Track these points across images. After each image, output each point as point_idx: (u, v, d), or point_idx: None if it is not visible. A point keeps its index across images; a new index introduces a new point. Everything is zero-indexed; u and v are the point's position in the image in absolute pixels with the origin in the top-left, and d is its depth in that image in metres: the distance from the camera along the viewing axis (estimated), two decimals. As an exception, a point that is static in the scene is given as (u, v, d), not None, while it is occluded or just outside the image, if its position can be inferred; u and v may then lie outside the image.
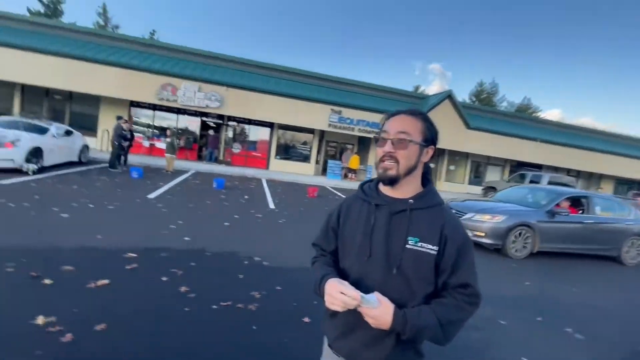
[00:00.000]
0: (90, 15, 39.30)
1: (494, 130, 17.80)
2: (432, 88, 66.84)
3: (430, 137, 1.03)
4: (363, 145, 17.89)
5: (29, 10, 26.93)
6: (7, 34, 13.24)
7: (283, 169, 16.45)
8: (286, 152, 16.97)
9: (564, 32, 70.22)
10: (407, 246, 0.96)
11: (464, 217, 6.13)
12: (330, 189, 12.78)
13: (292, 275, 3.75)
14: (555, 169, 19.49)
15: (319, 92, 16.39)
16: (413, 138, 0.99)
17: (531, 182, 13.42)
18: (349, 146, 17.70)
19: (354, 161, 16.30)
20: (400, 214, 1.00)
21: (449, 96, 16.86)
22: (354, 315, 1.01)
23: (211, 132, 15.77)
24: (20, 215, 4.52)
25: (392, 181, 1.01)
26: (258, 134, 16.52)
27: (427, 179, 1.09)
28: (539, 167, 19.36)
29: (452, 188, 18.61)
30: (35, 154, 7.65)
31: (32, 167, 7.38)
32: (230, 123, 16.14)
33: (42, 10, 27.29)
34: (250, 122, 16.07)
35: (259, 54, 76.70)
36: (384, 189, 1.07)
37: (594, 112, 71.30)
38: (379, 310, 0.90)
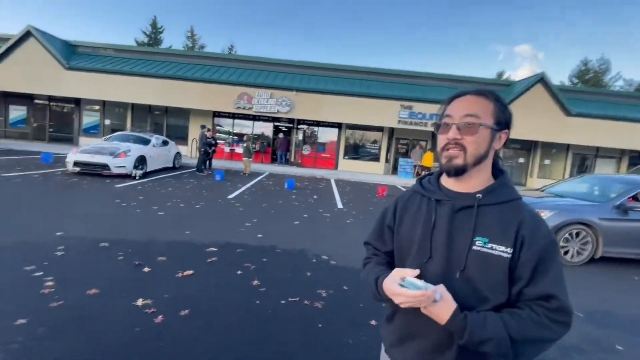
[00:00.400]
0: (181, 39, 45.63)
1: (604, 116, 14.89)
2: (520, 73, 59.28)
3: (504, 119, 0.87)
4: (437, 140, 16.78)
5: (135, 41, 32.18)
6: (121, 64, 16.02)
7: (352, 169, 16.43)
8: (355, 151, 16.90)
9: None
10: (474, 247, 0.83)
11: None
12: (401, 188, 12.27)
13: (360, 275, 3.66)
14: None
15: (387, 88, 15.94)
16: (483, 121, 0.85)
17: (659, 176, 10.79)
18: (421, 143, 16.78)
19: (427, 158, 15.37)
20: (466, 210, 0.87)
21: (541, 79, 14.66)
22: (412, 321, 0.91)
23: (281, 135, 16.60)
24: (129, 213, 5.38)
25: (458, 172, 0.87)
26: (326, 135, 16.81)
27: (498, 169, 0.92)
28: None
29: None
30: (141, 161, 9.08)
31: (139, 172, 8.76)
32: (300, 126, 16.77)
33: (145, 40, 32.34)
34: (318, 123, 16.45)
35: (330, 56, 78.27)
36: (447, 182, 0.94)
37: None
38: (437, 306, 0.79)
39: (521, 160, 16.80)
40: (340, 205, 7.79)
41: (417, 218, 0.95)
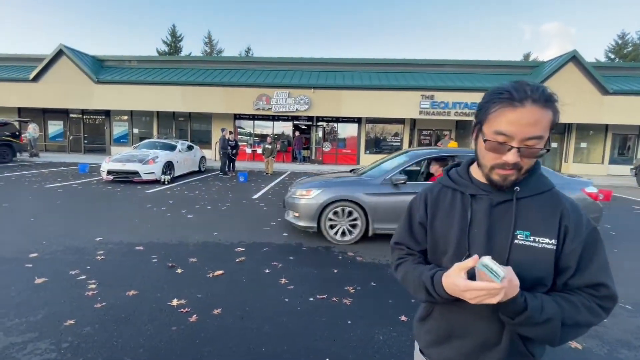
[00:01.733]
0: (199, 45, 47.07)
1: (646, 92, 13.78)
2: (549, 52, 56.04)
3: (556, 122, 0.78)
4: (463, 129, 16.24)
5: (157, 50, 33.36)
6: (144, 74, 16.69)
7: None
8: (376, 145, 16.71)
9: None
10: (517, 242, 0.80)
11: (286, 195, 4.92)
12: (425, 180, 11.99)
13: (386, 271, 3.62)
14: None
15: (406, 79, 15.60)
16: (544, 140, 0.75)
17: None
18: (446, 132, 16.30)
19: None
20: (505, 204, 0.83)
21: (573, 58, 13.83)
22: (452, 320, 0.89)
23: (297, 133, 16.68)
24: (160, 216, 5.61)
25: (504, 189, 0.82)
26: (347, 130, 16.72)
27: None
28: None
29: (586, 170, 15.03)
30: (168, 167, 9.44)
31: (167, 177, 9.12)
32: (320, 123, 16.77)
33: (166, 49, 33.45)
34: (338, 120, 16.39)
35: (344, 50, 77.63)
36: (480, 175, 0.88)
37: None
38: (505, 285, 0.69)
39: (554, 144, 15.90)
40: (363, 200, 7.72)
41: (451, 214, 0.90)
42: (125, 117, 17.57)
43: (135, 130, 17.70)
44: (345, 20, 73.93)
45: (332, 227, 4.56)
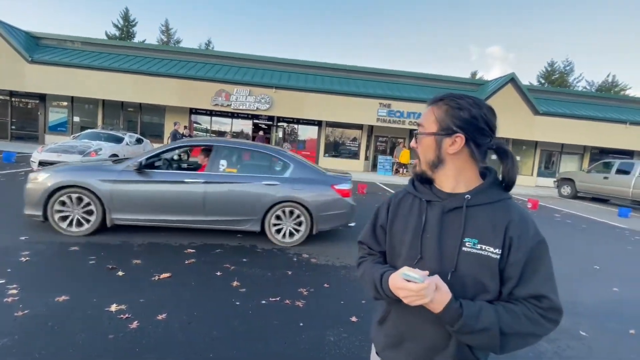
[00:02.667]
0: (156, 33, 44.12)
1: (569, 114, 15.78)
2: (493, 73, 61.59)
3: (455, 123, 0.86)
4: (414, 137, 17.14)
5: (106, 34, 30.74)
6: (90, 58, 15.26)
7: (332, 167, 16.49)
8: (335, 149, 17.00)
9: (659, -8, 59.28)
10: (464, 248, 0.83)
11: None
12: (381, 185, 12.46)
13: (340, 272, 3.70)
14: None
15: (366, 86, 16.12)
16: (426, 130, 0.91)
17: (619, 171, 11.56)
18: (400, 140, 17.10)
19: (404, 155, 15.71)
20: (455, 211, 0.87)
21: (511, 80, 15.32)
22: (405, 324, 0.92)
23: (261, 133, 16.43)
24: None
25: (419, 178, 0.96)
26: (307, 132, 16.80)
27: (488, 170, 0.92)
28: (629, 153, 16.69)
29: (518, 181, 16.65)
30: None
31: (112, 172, 8.39)
32: (280, 123, 16.65)
33: (117, 33, 30.95)
34: (299, 121, 16.40)
35: (306, 53, 78.04)
36: (439, 183, 0.94)
37: (703, 84, 59.09)
38: (436, 294, 0.77)
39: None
40: (320, 203, 7.80)
41: (408, 218, 0.95)
42: (65, 103, 15.89)
43: (76, 119, 16.08)
44: (308, 25, 74.49)
45: (63, 218, 4.07)
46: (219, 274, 3.35)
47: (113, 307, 2.51)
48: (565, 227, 7.40)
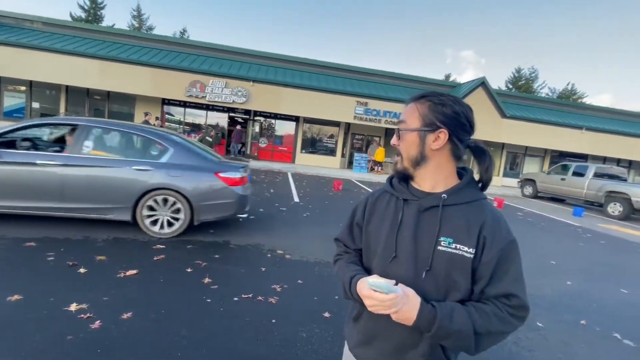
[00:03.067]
0: (127, 18, 41.73)
1: (532, 119, 16.69)
2: (465, 76, 63.88)
3: (436, 119, 0.86)
4: (390, 137, 17.48)
5: (71, 16, 28.78)
6: (53, 40, 14.22)
7: (309, 163, 16.49)
8: (312, 145, 16.97)
9: (611, 8, 64.01)
10: (439, 247, 0.84)
11: None
12: (356, 182, 12.62)
13: (315, 269, 3.71)
14: (604, 159, 17.96)
15: (344, 84, 16.20)
16: (408, 126, 0.91)
17: (575, 173, 12.41)
18: (375, 138, 17.36)
19: (379, 154, 15.99)
20: (431, 210, 0.88)
21: (482, 84, 15.97)
22: (377, 322, 0.92)
23: (238, 127, 16.10)
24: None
25: (400, 175, 0.94)
26: (284, 128, 16.65)
27: (464, 170, 0.94)
28: (583, 157, 17.93)
29: (485, 181, 17.72)
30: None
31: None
32: (257, 118, 16.38)
33: (83, 15, 29.05)
34: (276, 116, 16.21)
35: (285, 47, 77.15)
36: (415, 182, 0.95)
37: (650, 96, 64.61)
38: (402, 302, 0.78)
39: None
40: (296, 199, 7.79)
41: (384, 217, 0.95)
42: (23, 88, 14.73)
43: (36, 105, 14.97)
44: (287, 20, 73.60)
45: None
46: (189, 270, 3.25)
47: (73, 307, 2.37)
48: (526, 225, 7.86)
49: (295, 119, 16.32)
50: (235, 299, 2.81)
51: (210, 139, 11.05)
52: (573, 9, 65.87)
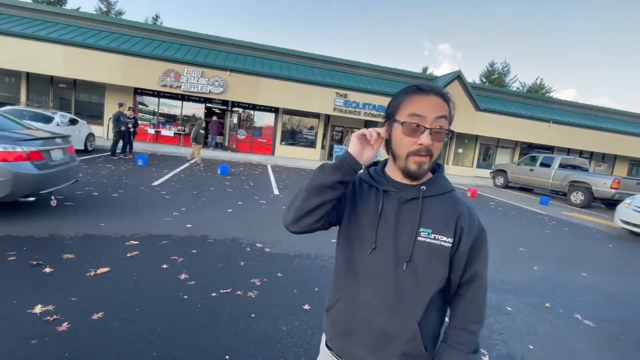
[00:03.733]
0: (94, 2, 39.11)
1: (504, 112, 17.31)
2: (442, 69, 65.14)
3: (452, 119, 0.88)
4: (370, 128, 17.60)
5: (31, -3, 26.70)
6: (11, 23, 13.17)
7: (289, 155, 16.36)
8: (292, 137, 16.83)
9: (578, 7, 67.00)
10: (419, 238, 0.86)
11: None
12: (336, 174, 12.66)
13: (294, 261, 3.71)
14: (568, 151, 18.97)
15: (324, 75, 16.08)
16: (445, 126, 0.84)
17: (542, 164, 13.05)
18: (355, 130, 17.42)
19: (360, 146, 16.08)
20: (412, 202, 0.88)
21: (458, 77, 16.35)
22: (353, 314, 0.91)
23: (215, 118, 15.68)
24: (22, 204, 4.55)
25: (419, 177, 0.88)
26: (263, 119, 16.38)
27: (436, 163, 0.95)
28: (550, 149, 18.85)
29: (460, 171, 18.35)
30: (41, 142, 7.69)
31: (38, 156, 7.42)
32: (235, 109, 16.00)
33: (44, -3, 27.04)
34: (255, 107, 15.90)
35: (263, 37, 75.48)
36: (392, 173, 0.93)
37: (610, 92, 68.70)
38: None
39: (460, 150, 18.82)
40: (276, 191, 7.73)
41: (367, 205, 0.93)
42: (-25, 74, 13.60)
43: (-9, 93, 13.88)
44: (265, 10, 71.84)
45: None
46: (165, 266, 3.16)
47: (37, 309, 2.25)
48: (497, 214, 8.21)
49: (275, 110, 16.08)
50: (214, 294, 2.76)
51: (202, 131, 10.48)
52: (542, 6, 68.35)
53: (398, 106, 0.86)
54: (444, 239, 0.86)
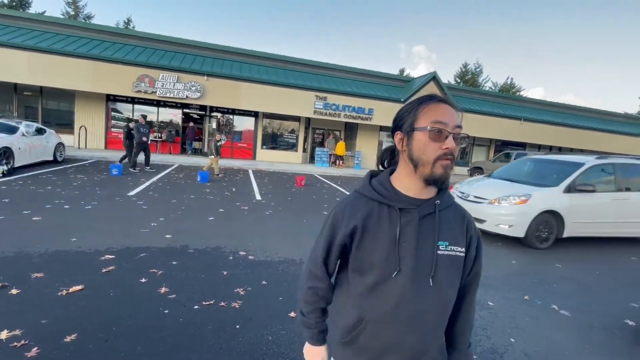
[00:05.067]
0: (60, 5, 37.32)
1: (479, 111, 17.88)
2: (418, 70, 66.74)
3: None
4: (350, 131, 17.75)
5: (-10, 1, 25.35)
6: (-34, 27, 12.39)
7: (270, 159, 16.23)
8: (273, 141, 16.70)
9: (545, 9, 70.49)
10: (439, 252, 0.88)
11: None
12: (319, 176, 12.68)
13: (279, 268, 3.66)
14: (539, 147, 19.83)
15: (303, 78, 16.08)
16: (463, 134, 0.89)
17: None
18: (336, 132, 17.53)
19: (340, 147, 16.18)
20: (429, 217, 0.88)
21: (433, 78, 16.76)
22: (384, 337, 0.89)
23: (191, 124, 15.35)
24: (-13, 220, 4.27)
25: (445, 182, 0.88)
26: (243, 123, 16.18)
27: None
28: (523, 145, 19.64)
29: (439, 170, 18.75)
30: (5, 154, 7.27)
31: (3, 168, 7.01)
32: (214, 114, 15.73)
33: (6, 1, 25.72)
34: (234, 112, 15.69)
35: (240, 41, 74.81)
36: (405, 186, 0.89)
37: (575, 89, 72.58)
38: None
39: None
40: (258, 196, 7.63)
41: (380, 229, 0.88)
42: None
43: (-52, 102, 12.99)
44: (238, 14, 71.28)
45: None
46: (143, 280, 3.04)
47: (3, 334, 2.10)
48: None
49: (254, 114, 15.92)
50: (196, 307, 2.68)
51: (218, 143, 10.19)
52: (511, 8, 71.48)
53: (417, 115, 0.87)
54: (459, 249, 0.90)
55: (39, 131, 9.13)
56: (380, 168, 1.03)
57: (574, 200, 5.40)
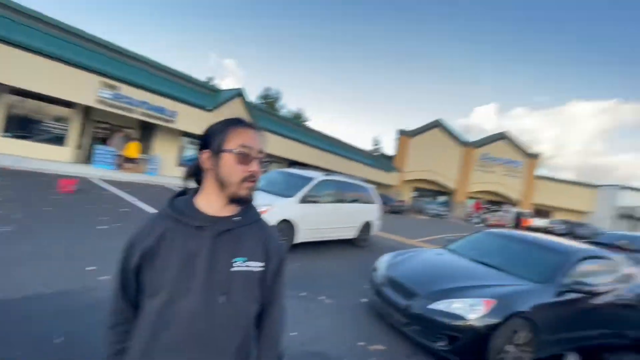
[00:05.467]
0: None
1: (277, 132, 20.31)
2: (225, 83, 67.89)
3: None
4: (148, 131, 15.51)
5: None
6: None
7: (18, 152, 11.56)
8: (24, 127, 12.03)
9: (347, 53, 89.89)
10: (234, 268, 0.88)
11: None
12: (99, 181, 10.24)
13: (21, 306, 2.67)
14: (316, 167, 24.89)
15: (85, 56, 12.68)
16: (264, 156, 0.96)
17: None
18: (128, 130, 14.87)
19: (132, 148, 13.78)
20: (226, 233, 0.90)
21: (240, 94, 17.62)
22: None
23: None
24: None
25: (249, 201, 0.94)
26: (-36, 94, 10.75)
27: None
28: (309, 166, 23.96)
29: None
30: None
31: None
32: None
33: None
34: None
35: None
36: (207, 205, 0.92)
37: (341, 125, 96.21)
38: None
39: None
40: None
41: (172, 248, 0.87)
42: None
43: None
44: None
45: None
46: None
47: None
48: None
49: (-9, 85, 10.98)
50: None
51: None
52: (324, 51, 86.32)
53: (225, 137, 0.90)
54: (257, 264, 0.92)
55: None
56: (186, 183, 1.02)
57: (305, 209, 6.01)
